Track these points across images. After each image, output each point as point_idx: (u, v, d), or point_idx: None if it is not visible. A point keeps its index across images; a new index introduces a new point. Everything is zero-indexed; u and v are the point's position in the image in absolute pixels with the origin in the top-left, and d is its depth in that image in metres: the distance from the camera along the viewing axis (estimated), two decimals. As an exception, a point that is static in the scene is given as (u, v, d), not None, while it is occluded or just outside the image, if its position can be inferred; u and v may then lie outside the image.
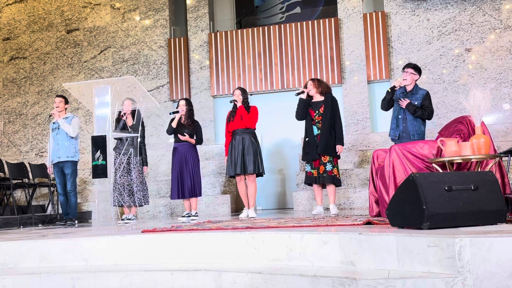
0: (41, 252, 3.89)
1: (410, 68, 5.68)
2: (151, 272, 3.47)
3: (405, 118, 5.64)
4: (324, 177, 6.05)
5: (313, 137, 6.14)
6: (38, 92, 10.60)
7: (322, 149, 6.04)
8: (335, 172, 6.07)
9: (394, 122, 5.74)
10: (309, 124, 6.21)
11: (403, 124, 5.62)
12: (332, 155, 6.07)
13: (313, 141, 6.12)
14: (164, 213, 8.36)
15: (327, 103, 6.16)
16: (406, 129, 5.59)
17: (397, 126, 5.67)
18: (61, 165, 6.85)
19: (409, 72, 5.66)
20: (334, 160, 6.09)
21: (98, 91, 4.71)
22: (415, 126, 5.58)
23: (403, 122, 5.63)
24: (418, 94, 5.65)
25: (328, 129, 6.07)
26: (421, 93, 5.65)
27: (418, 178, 3.14)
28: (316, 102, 6.25)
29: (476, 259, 2.58)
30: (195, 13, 10.17)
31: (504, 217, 3.25)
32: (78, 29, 10.62)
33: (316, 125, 6.17)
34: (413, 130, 5.56)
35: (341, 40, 9.45)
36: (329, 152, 6.05)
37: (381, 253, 2.99)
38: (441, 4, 9.08)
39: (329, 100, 6.19)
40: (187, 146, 6.54)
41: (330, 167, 6.05)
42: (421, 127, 5.64)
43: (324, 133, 6.06)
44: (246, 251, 3.51)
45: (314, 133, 6.15)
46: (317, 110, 6.19)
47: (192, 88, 9.98)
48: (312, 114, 6.22)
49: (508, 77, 8.66)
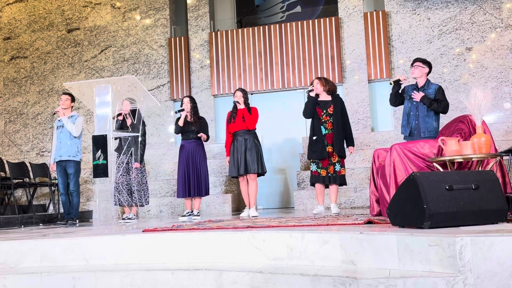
0: (42, 252, 3.89)
1: (419, 62, 5.49)
2: (152, 272, 3.47)
3: (417, 115, 5.42)
4: (334, 177, 6.07)
5: (321, 136, 6.11)
6: (38, 92, 10.60)
7: (338, 150, 6.04)
8: (343, 171, 6.11)
9: (405, 119, 5.47)
10: (317, 123, 6.16)
11: (415, 121, 5.40)
12: (345, 156, 6.13)
13: (322, 140, 6.10)
14: (165, 213, 8.37)
15: (336, 104, 6.16)
16: (418, 126, 5.37)
17: (408, 123, 5.43)
18: (64, 164, 6.82)
19: (418, 65, 5.46)
20: (341, 160, 6.12)
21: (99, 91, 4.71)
22: (427, 123, 5.34)
23: (415, 119, 5.41)
24: (430, 89, 5.44)
25: (341, 130, 6.09)
26: (434, 88, 5.45)
27: (419, 177, 3.14)
28: (324, 101, 6.23)
29: (477, 259, 2.58)
30: (196, 12, 10.17)
31: (505, 216, 3.24)
32: (78, 28, 10.62)
33: (323, 125, 6.15)
34: (424, 127, 5.32)
35: (342, 39, 9.44)
36: (343, 153, 6.09)
37: (382, 253, 2.99)
38: (441, 3, 9.07)
39: (337, 100, 6.20)
40: (194, 143, 6.52)
41: (339, 167, 6.09)
42: (433, 124, 5.39)
43: (339, 134, 6.06)
44: (247, 250, 3.51)
45: (323, 133, 6.13)
46: (325, 110, 6.17)
47: (192, 88, 9.98)
48: (319, 113, 6.19)
49: (509, 76, 8.65)
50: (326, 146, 6.08)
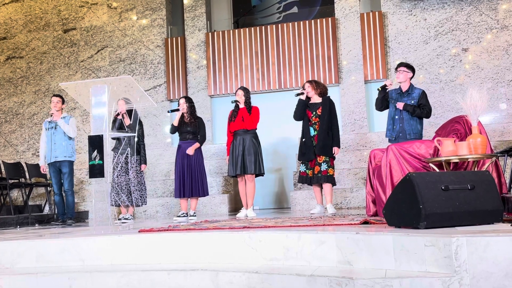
0: (37, 252, 3.88)
1: (403, 67, 5.73)
2: (148, 272, 3.47)
3: (401, 118, 5.67)
4: (318, 177, 6.09)
5: (309, 138, 6.20)
6: (34, 92, 10.57)
7: (319, 150, 6.10)
8: (330, 171, 6.12)
9: (390, 123, 5.77)
10: (306, 125, 6.28)
11: (399, 124, 5.65)
12: (329, 155, 6.12)
13: (310, 142, 6.18)
14: (161, 213, 8.36)
15: (324, 105, 6.21)
16: (403, 129, 5.62)
17: (394, 127, 5.70)
18: (58, 164, 6.82)
19: (402, 70, 5.71)
20: (330, 160, 6.13)
21: (95, 91, 4.69)
22: (411, 125, 5.61)
23: (400, 122, 5.66)
24: (414, 93, 5.68)
25: (326, 131, 6.13)
26: (417, 92, 5.69)
27: (415, 177, 3.14)
28: (314, 104, 6.29)
29: (472, 259, 2.59)
30: (192, 12, 10.16)
31: (500, 216, 3.25)
32: (75, 28, 10.60)
33: (313, 126, 6.23)
34: (410, 129, 5.60)
35: (338, 40, 9.45)
36: (326, 153, 6.11)
37: (378, 253, 2.99)
38: (438, 4, 9.09)
39: (327, 102, 6.24)
40: (191, 144, 6.52)
41: (325, 167, 6.10)
42: (417, 127, 5.67)
43: (322, 134, 6.11)
44: (243, 251, 3.51)
45: (311, 134, 6.22)
46: (314, 111, 6.24)
47: (189, 88, 9.97)
48: (309, 115, 6.27)
49: (504, 77, 8.68)
50: (314, 147, 6.15)
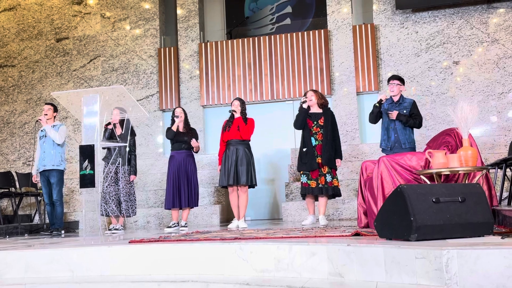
0: (26, 263, 3.84)
1: (396, 80, 5.95)
2: (138, 283, 3.44)
3: (395, 129, 5.83)
4: (326, 188, 6.11)
5: (311, 147, 6.17)
6: (26, 101, 10.52)
7: (326, 161, 6.10)
8: (335, 183, 6.16)
9: (385, 134, 5.91)
10: (308, 135, 6.26)
11: (394, 135, 5.81)
12: (333, 167, 6.17)
13: (312, 152, 6.14)
14: (152, 223, 8.31)
15: (327, 115, 6.25)
16: (398, 139, 5.80)
17: (389, 137, 5.85)
18: (47, 174, 6.76)
19: (396, 83, 5.91)
20: (332, 171, 6.16)
21: (87, 100, 4.69)
22: (405, 135, 5.81)
23: (394, 132, 5.84)
24: (405, 103, 5.90)
25: (330, 142, 6.17)
26: (409, 102, 5.94)
27: (406, 189, 3.15)
28: (315, 113, 6.31)
29: (463, 271, 2.59)
30: (186, 23, 10.19)
31: (491, 229, 3.26)
32: (67, 37, 10.59)
33: (313, 136, 6.23)
34: (404, 139, 5.78)
35: (331, 51, 9.51)
36: (332, 164, 6.14)
37: (369, 265, 2.99)
38: (429, 17, 9.18)
39: (329, 113, 6.30)
40: (184, 154, 6.47)
41: (330, 178, 6.13)
42: (411, 136, 5.87)
43: (327, 145, 6.14)
44: (234, 262, 3.49)
45: (313, 144, 6.20)
46: (315, 121, 6.25)
47: (182, 98, 9.97)
48: (310, 125, 6.26)
49: (495, 90, 8.75)
50: (316, 157, 6.13)
